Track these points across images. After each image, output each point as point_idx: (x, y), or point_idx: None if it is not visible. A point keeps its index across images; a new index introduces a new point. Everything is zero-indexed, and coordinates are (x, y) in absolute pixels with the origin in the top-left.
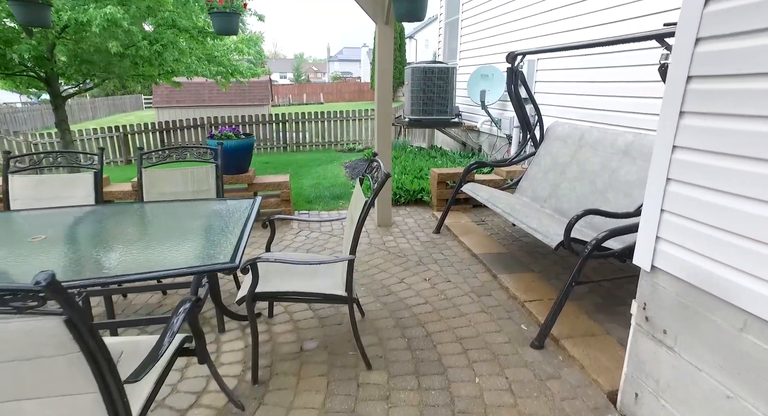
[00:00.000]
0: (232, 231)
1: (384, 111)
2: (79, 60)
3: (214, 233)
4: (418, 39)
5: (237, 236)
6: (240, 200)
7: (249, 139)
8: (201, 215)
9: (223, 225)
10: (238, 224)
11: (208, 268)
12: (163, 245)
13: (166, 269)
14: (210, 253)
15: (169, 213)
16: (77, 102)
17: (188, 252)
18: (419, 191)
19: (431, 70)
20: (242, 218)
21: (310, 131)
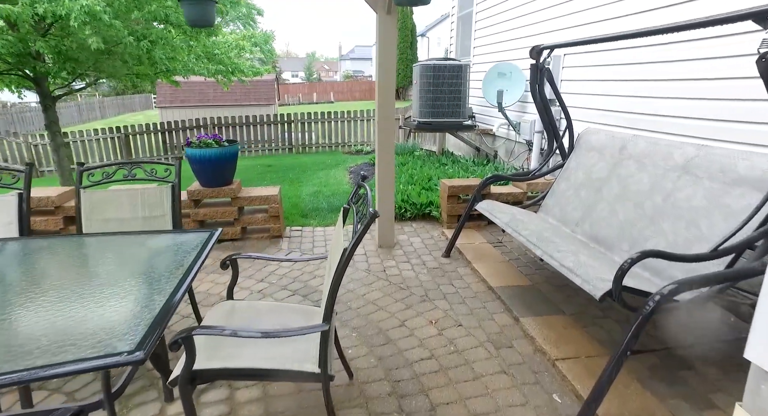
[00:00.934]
0: (168, 284)
1: (386, 113)
2: (63, 58)
3: (148, 286)
4: (430, 37)
5: (162, 303)
6: (198, 232)
7: (232, 146)
8: (139, 257)
9: (165, 272)
10: (177, 276)
11: (95, 365)
12: (72, 305)
13: (30, 369)
14: (123, 329)
15: (100, 253)
16: (86, 101)
17: (99, 320)
18: (427, 205)
19: (442, 67)
20: (186, 265)
21: (317, 132)
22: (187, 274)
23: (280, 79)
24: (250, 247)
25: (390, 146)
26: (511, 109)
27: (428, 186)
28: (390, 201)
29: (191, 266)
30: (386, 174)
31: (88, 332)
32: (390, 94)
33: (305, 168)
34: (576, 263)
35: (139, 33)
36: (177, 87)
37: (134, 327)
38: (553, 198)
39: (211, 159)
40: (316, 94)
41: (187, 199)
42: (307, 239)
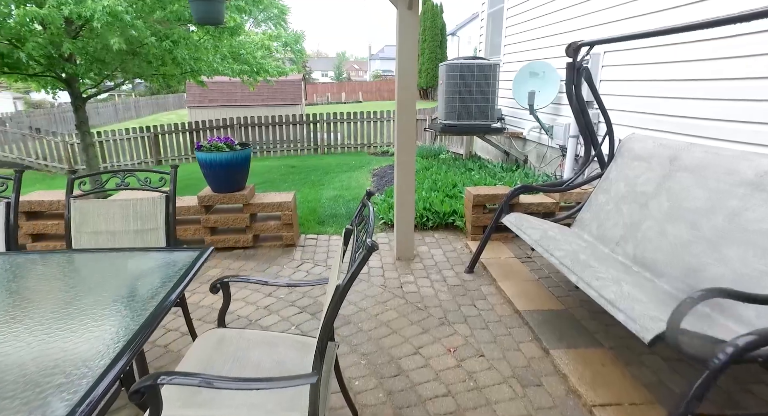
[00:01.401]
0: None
1: (406, 113)
2: (90, 59)
3: (118, 319)
4: (460, 36)
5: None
6: (188, 251)
7: (245, 150)
8: (118, 281)
9: (139, 302)
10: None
11: None
12: (27, 338)
13: None
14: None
15: (76, 274)
16: (122, 101)
17: (46, 361)
18: (451, 214)
19: (469, 67)
20: (163, 293)
21: (342, 132)
22: (159, 308)
23: (310, 78)
24: (261, 256)
25: (410, 149)
26: (544, 111)
27: (452, 193)
28: (410, 209)
29: (166, 297)
30: (406, 179)
31: (27, 378)
32: (410, 94)
33: (328, 169)
34: (619, 294)
35: (162, 33)
36: (203, 87)
37: (79, 380)
38: (590, 211)
39: (221, 163)
40: (345, 93)
41: (197, 204)
42: (321, 249)
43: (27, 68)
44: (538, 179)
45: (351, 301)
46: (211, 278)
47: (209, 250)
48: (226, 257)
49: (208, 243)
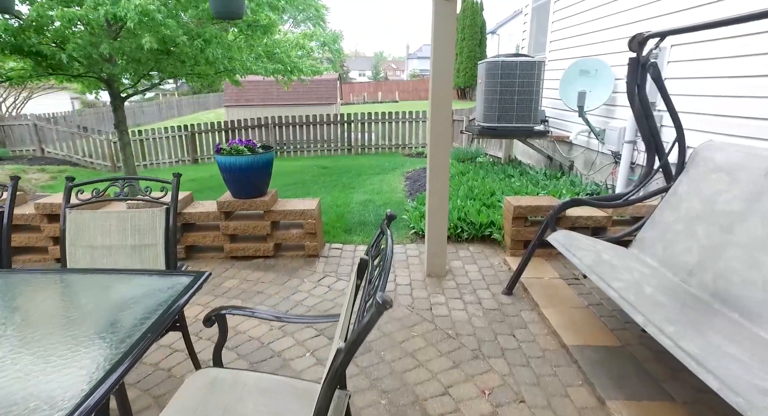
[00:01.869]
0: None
1: (440, 114)
2: (126, 59)
3: (89, 358)
4: (501, 34)
5: None
6: (184, 276)
7: (266, 154)
8: (102, 308)
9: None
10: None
11: None
12: None
13: None
14: None
15: (58, 298)
16: (166, 101)
17: None
18: (488, 225)
19: (511, 65)
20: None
21: (377, 132)
22: (131, 351)
23: (347, 78)
24: (282, 268)
25: (444, 152)
26: (595, 113)
27: (490, 202)
28: (443, 219)
29: (140, 339)
30: (439, 186)
31: None
32: (446, 89)
33: (361, 171)
34: (705, 348)
35: (194, 32)
36: (239, 86)
37: None
38: (653, 230)
39: (241, 167)
40: (381, 93)
41: (216, 210)
42: (346, 260)
43: (69, 69)
44: (586, 188)
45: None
46: (226, 291)
47: (205, 275)
48: (246, 267)
49: (227, 251)
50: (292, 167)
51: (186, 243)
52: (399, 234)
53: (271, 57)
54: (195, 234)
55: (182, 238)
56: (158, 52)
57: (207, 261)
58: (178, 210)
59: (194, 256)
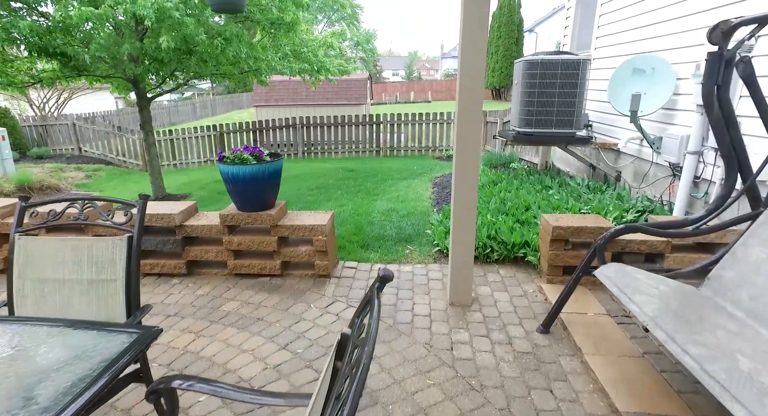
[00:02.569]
0: None
1: (469, 118)
2: (148, 59)
3: None
4: (539, 32)
5: None
6: (129, 333)
7: (274, 163)
8: (20, 380)
9: None
10: None
11: None
12: None
13: None
14: None
15: None
16: (200, 100)
17: None
18: (521, 245)
19: (552, 64)
20: None
21: (406, 134)
22: None
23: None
24: (288, 289)
25: (473, 160)
26: (650, 118)
27: (525, 218)
28: (469, 237)
29: None
30: (466, 198)
31: None
32: (475, 90)
33: (387, 175)
34: None
35: (214, 30)
36: (266, 86)
37: None
38: (734, 269)
39: (245, 178)
40: (414, 92)
41: (220, 223)
42: (360, 282)
43: (94, 69)
44: (636, 204)
45: (383, 367)
46: (224, 315)
47: (155, 332)
48: (250, 286)
49: (231, 268)
50: (317, 169)
51: (188, 257)
52: (421, 251)
53: (298, 56)
54: (197, 248)
55: (184, 252)
56: (180, 52)
57: (209, 278)
58: (179, 223)
59: (196, 272)
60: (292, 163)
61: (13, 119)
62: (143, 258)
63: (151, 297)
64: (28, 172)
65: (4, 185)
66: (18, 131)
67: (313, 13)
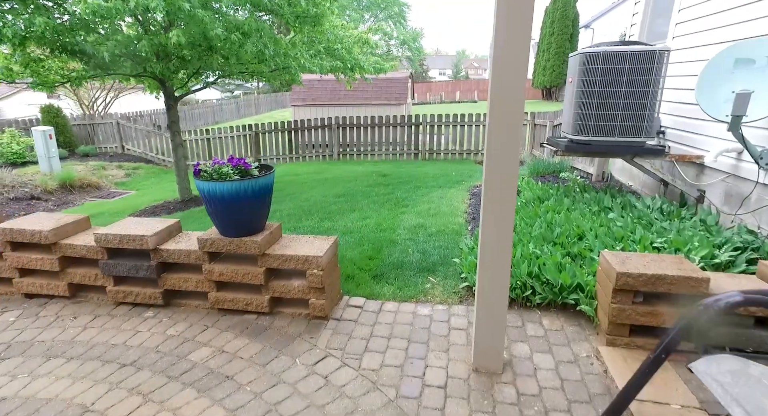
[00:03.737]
0: None
1: (504, 116)
2: (168, 56)
3: None
4: (595, 28)
5: None
6: None
7: (262, 178)
8: None
9: None
10: None
11: None
12: None
13: None
14: None
15: None
16: (245, 99)
17: None
18: (572, 289)
19: (617, 57)
20: None
21: (447, 136)
22: None
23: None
24: (275, 333)
25: (507, 175)
26: (756, 124)
27: (577, 251)
28: (502, 275)
29: None
30: (498, 222)
31: None
32: (515, 85)
33: (422, 182)
34: None
35: (232, 24)
36: (299, 85)
37: None
38: None
39: (224, 198)
40: (460, 92)
41: (198, 248)
42: (363, 330)
43: (117, 67)
44: (732, 239)
45: None
46: (186, 370)
47: None
48: (231, 326)
49: (212, 301)
50: (349, 173)
51: (165, 286)
52: (446, 286)
53: (332, 53)
54: (175, 276)
55: (160, 280)
56: (200, 49)
57: (188, 312)
58: (153, 246)
59: (174, 303)
60: (326, 164)
61: (64, 118)
62: (116, 285)
63: (115, 336)
64: (71, 170)
65: (48, 183)
66: (68, 130)
67: (360, 12)
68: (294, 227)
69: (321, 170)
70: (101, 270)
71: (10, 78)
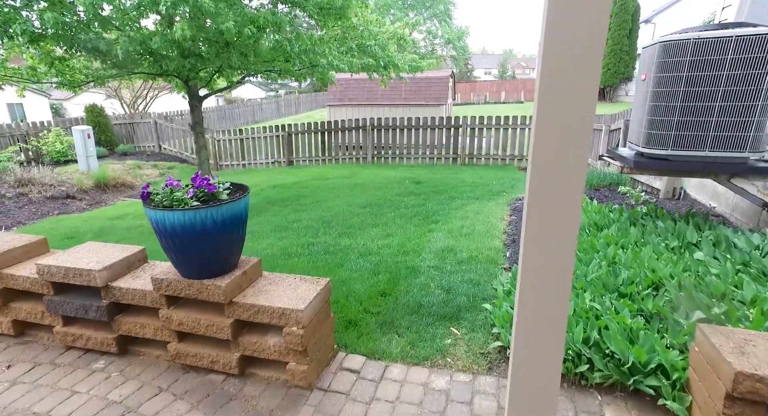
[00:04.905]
0: None
1: (564, 116)
2: (181, 53)
3: None
4: (656, 23)
5: None
6: None
7: (230, 205)
8: None
9: None
10: None
11: None
12: None
13: None
14: None
15: None
16: (285, 98)
17: None
18: (649, 370)
19: (714, 44)
20: None
21: (488, 140)
22: None
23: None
24: (242, 405)
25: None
26: None
27: (655, 309)
28: (551, 341)
29: None
30: (549, 267)
31: None
32: (586, 79)
33: (457, 192)
34: None
35: (246, 17)
36: (331, 84)
37: None
38: None
39: (175, 232)
40: (505, 92)
41: (152, 289)
42: (355, 411)
43: (135, 66)
44: None
45: None
46: None
47: None
48: (191, 390)
49: (173, 353)
50: (381, 178)
51: (119, 331)
52: (471, 345)
53: (364, 50)
54: (130, 320)
55: (114, 324)
56: (217, 45)
57: (147, 363)
58: (103, 284)
59: (132, 351)
60: (358, 168)
61: (106, 117)
62: (66, 325)
63: (44, 399)
64: (107, 169)
65: (84, 182)
66: (109, 129)
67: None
68: (309, 243)
69: (352, 174)
70: (46, 307)
71: (35, 78)
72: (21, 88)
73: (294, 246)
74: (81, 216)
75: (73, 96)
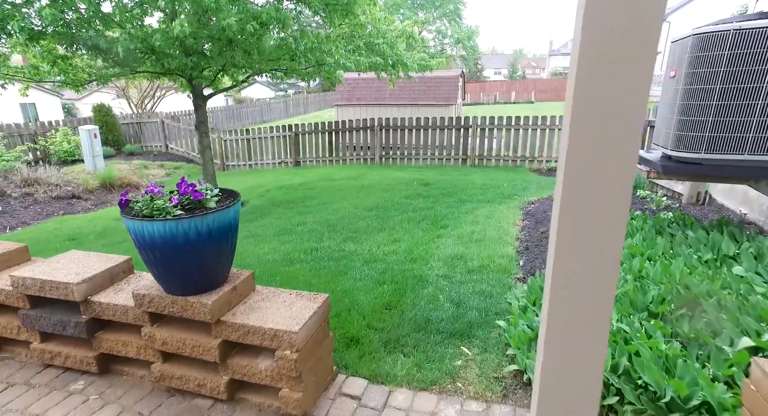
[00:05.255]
0: None
1: (612, 110)
2: (184, 50)
3: None
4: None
5: None
6: None
7: (217, 214)
8: None
9: None
10: None
11: None
12: None
13: None
14: None
15: None
16: (294, 98)
17: None
18: (693, 408)
19: (757, 36)
20: None
21: (499, 140)
22: None
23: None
24: None
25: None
26: None
27: (693, 333)
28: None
29: None
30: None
31: None
32: (642, 59)
33: (468, 195)
34: None
35: (250, 13)
36: (338, 83)
37: None
38: None
39: (155, 244)
40: (515, 92)
41: (134, 305)
42: None
43: (138, 64)
44: None
45: None
46: None
47: None
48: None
49: (157, 375)
50: (389, 179)
51: (100, 349)
52: (483, 367)
53: (372, 48)
54: (112, 337)
55: (94, 341)
56: (220, 43)
57: (130, 385)
58: (81, 298)
59: (113, 371)
60: (366, 169)
61: (113, 117)
62: (44, 341)
63: None
64: (113, 169)
65: (90, 182)
66: (117, 128)
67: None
68: (312, 248)
69: (359, 175)
70: (21, 322)
71: (38, 77)
72: (24, 87)
73: (297, 251)
74: (86, 217)
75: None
